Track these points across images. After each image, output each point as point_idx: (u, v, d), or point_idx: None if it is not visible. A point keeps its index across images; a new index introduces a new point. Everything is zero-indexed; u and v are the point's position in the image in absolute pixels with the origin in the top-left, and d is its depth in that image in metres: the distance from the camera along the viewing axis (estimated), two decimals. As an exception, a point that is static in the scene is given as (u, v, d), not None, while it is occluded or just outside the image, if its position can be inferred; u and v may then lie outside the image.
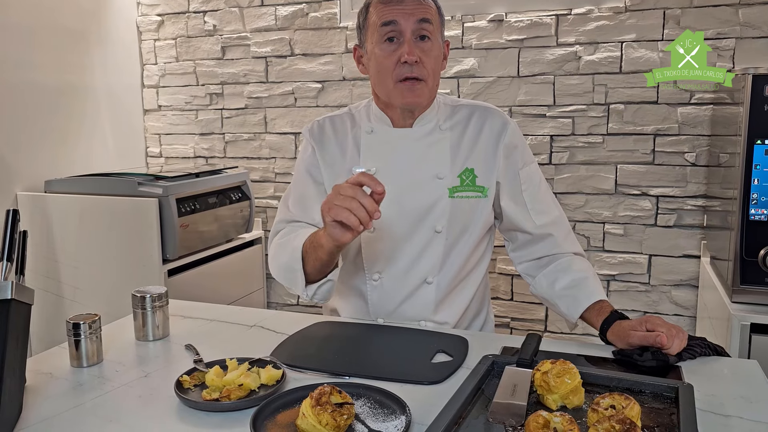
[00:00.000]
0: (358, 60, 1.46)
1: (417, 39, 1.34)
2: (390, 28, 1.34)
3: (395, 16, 1.33)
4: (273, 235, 1.49)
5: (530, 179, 1.45)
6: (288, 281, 1.37)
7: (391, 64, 1.35)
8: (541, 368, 0.99)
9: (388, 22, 1.34)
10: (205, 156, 2.96)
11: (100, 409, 1.01)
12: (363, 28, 1.41)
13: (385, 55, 1.35)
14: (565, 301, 1.36)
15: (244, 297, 2.70)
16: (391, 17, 1.33)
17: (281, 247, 1.40)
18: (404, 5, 1.34)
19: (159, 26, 2.93)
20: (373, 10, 1.37)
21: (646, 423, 0.90)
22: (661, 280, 2.35)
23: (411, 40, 1.34)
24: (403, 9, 1.33)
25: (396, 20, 1.33)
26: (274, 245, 1.45)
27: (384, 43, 1.35)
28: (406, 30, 1.33)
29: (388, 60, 1.35)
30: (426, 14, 1.35)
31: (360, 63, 1.45)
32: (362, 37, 1.42)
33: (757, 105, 1.68)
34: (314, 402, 0.89)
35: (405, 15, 1.33)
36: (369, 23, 1.38)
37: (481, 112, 1.46)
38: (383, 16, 1.34)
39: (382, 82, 1.38)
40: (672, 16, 2.20)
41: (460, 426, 0.90)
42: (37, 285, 2.38)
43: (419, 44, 1.35)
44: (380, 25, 1.35)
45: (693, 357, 1.16)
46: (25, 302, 1.01)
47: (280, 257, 1.39)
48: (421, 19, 1.34)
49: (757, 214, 1.72)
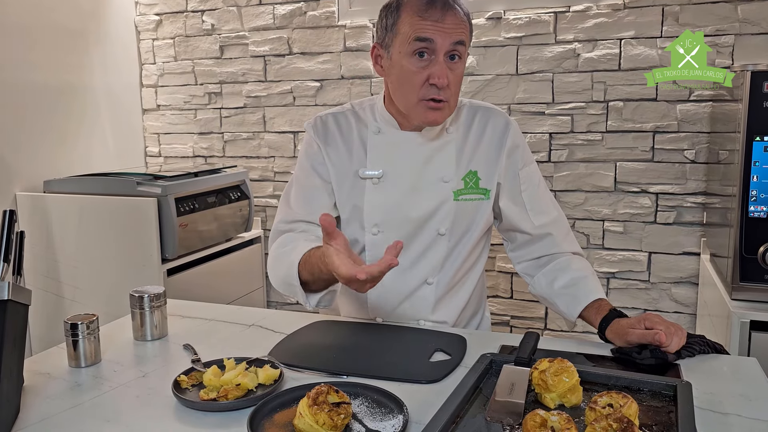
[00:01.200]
0: (376, 59, 1.39)
1: (448, 59, 1.29)
2: (424, 44, 1.27)
3: (432, 33, 1.26)
4: (273, 238, 1.45)
5: (529, 179, 1.45)
6: (288, 293, 1.33)
7: (419, 82, 1.29)
8: (539, 367, 0.99)
9: (424, 38, 1.26)
10: (204, 155, 2.96)
11: (98, 409, 1.01)
12: (389, 30, 1.32)
13: (414, 70, 1.29)
14: (564, 300, 1.36)
15: (243, 296, 2.70)
16: (428, 34, 1.26)
17: (278, 260, 1.35)
18: (444, 23, 1.26)
19: (157, 26, 2.93)
20: (406, 17, 1.29)
21: (644, 421, 0.90)
22: (661, 277, 2.34)
23: (444, 62, 1.28)
24: (443, 28, 1.26)
25: (433, 39, 1.26)
26: (272, 255, 1.39)
27: (414, 57, 1.28)
28: (440, 50, 1.27)
29: (416, 76, 1.29)
30: (463, 35, 1.29)
31: (378, 63, 1.39)
32: (387, 40, 1.33)
33: (756, 102, 1.68)
34: (311, 401, 0.89)
35: (443, 34, 1.26)
36: (399, 29, 1.30)
37: (484, 113, 1.45)
38: (419, 31, 1.27)
39: (405, 95, 1.33)
40: (671, 13, 2.20)
41: (458, 425, 0.90)
42: (37, 285, 2.39)
43: (450, 64, 1.29)
44: (413, 39, 1.27)
45: (692, 355, 1.16)
46: (22, 303, 1.01)
47: (278, 270, 1.34)
48: (458, 41, 1.28)
49: (756, 211, 1.71)
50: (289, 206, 1.45)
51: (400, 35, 1.30)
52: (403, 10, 1.30)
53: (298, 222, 1.43)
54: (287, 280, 1.29)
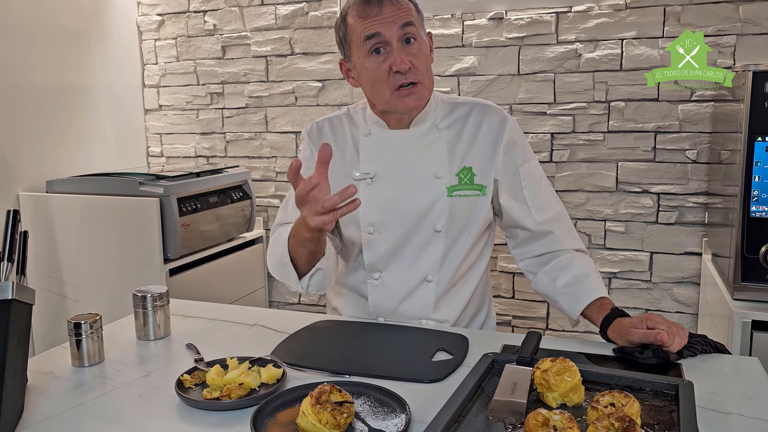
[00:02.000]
0: (347, 74, 1.44)
1: (403, 44, 1.33)
2: (375, 40, 1.32)
3: (377, 27, 1.31)
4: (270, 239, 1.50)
5: (530, 176, 1.45)
6: (282, 277, 1.38)
7: (383, 75, 1.33)
8: (541, 366, 0.99)
9: (372, 35, 1.31)
10: (206, 155, 2.97)
11: (102, 409, 1.01)
12: (345, 42, 1.39)
13: (376, 67, 1.33)
14: (566, 298, 1.37)
15: (245, 296, 2.70)
16: (373, 30, 1.31)
17: (272, 246, 1.42)
18: (383, 15, 1.31)
19: (159, 26, 2.93)
20: (352, 23, 1.35)
21: (646, 421, 0.90)
22: (663, 277, 2.34)
23: (398, 48, 1.32)
24: (383, 18, 1.31)
25: (379, 32, 1.31)
26: (269, 247, 1.46)
27: (372, 56, 1.33)
28: (391, 39, 1.31)
29: (379, 71, 1.33)
30: (407, 17, 1.32)
31: (349, 77, 1.44)
32: (347, 52, 1.40)
33: (758, 102, 1.68)
34: (314, 401, 0.89)
35: (387, 24, 1.31)
36: (351, 37, 1.36)
37: (480, 110, 1.45)
38: (365, 30, 1.32)
39: (379, 93, 1.37)
40: (672, 13, 2.20)
41: (460, 424, 0.90)
42: (39, 285, 2.39)
43: (406, 48, 1.33)
44: (364, 39, 1.32)
45: (694, 354, 1.16)
46: (26, 302, 1.01)
47: (273, 255, 1.40)
48: (404, 23, 1.32)
49: (758, 211, 1.71)
50: (287, 211, 1.50)
51: (354, 42, 1.36)
52: (348, 18, 1.36)
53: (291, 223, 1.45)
54: (281, 259, 1.34)
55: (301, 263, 1.33)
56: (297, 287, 1.36)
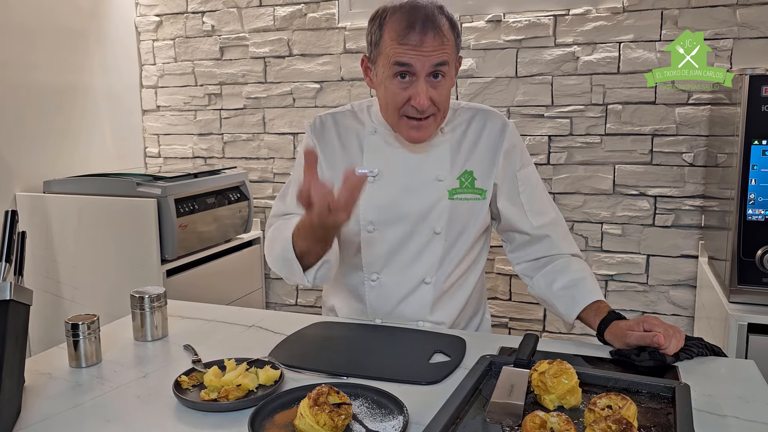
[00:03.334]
0: (366, 71, 1.41)
1: (431, 78, 1.29)
2: (404, 68, 1.27)
3: (411, 59, 1.26)
4: (267, 230, 1.47)
5: (528, 181, 1.46)
6: (286, 271, 1.35)
7: (400, 101, 1.30)
8: (539, 368, 0.99)
9: (402, 63, 1.27)
10: (203, 156, 2.96)
11: (99, 410, 1.01)
12: (375, 47, 1.33)
13: (396, 91, 1.30)
14: (562, 302, 1.37)
15: (242, 297, 2.70)
16: (406, 59, 1.26)
17: (273, 241, 1.38)
18: (422, 48, 1.25)
19: (157, 27, 2.93)
20: (388, 39, 1.28)
21: (643, 423, 0.91)
22: (659, 280, 2.35)
23: (424, 82, 1.28)
24: (422, 51, 1.26)
25: (411, 63, 1.26)
26: (267, 240, 1.43)
27: (395, 79, 1.29)
28: (420, 73, 1.27)
29: (397, 97, 1.30)
30: (443, 56, 1.28)
31: (367, 76, 1.41)
32: (372, 56, 1.35)
33: (755, 105, 1.69)
34: (312, 402, 0.89)
35: (422, 58, 1.26)
36: (382, 50, 1.30)
37: (482, 115, 1.46)
38: (398, 56, 1.27)
39: (389, 112, 1.35)
40: (670, 17, 2.21)
41: (458, 426, 0.90)
42: (36, 285, 2.38)
43: (432, 83, 1.29)
44: (393, 63, 1.28)
45: (690, 357, 1.16)
46: (23, 303, 1.01)
47: (274, 249, 1.37)
48: (438, 63, 1.27)
49: (754, 215, 1.72)
50: (284, 202, 1.48)
51: (383, 56, 1.31)
52: (386, 30, 1.30)
53: (291, 215, 1.44)
54: (283, 255, 1.30)
55: (309, 258, 1.29)
56: (302, 281, 1.32)
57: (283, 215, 1.47)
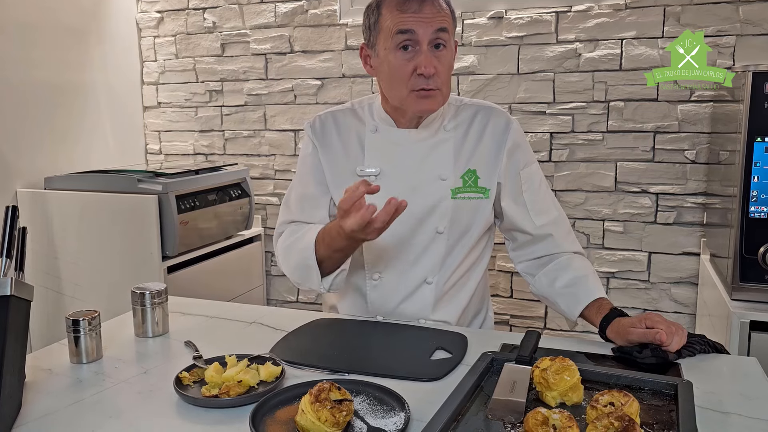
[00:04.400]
0: (365, 60, 1.41)
1: (432, 48, 1.30)
2: (406, 36, 1.28)
3: (413, 25, 1.28)
4: (276, 238, 1.49)
5: (531, 179, 1.45)
6: (302, 279, 1.37)
7: (406, 74, 1.30)
8: (540, 365, 0.99)
9: (405, 30, 1.28)
10: (204, 153, 2.96)
11: (100, 406, 1.01)
12: (373, 29, 1.35)
13: (401, 63, 1.30)
14: (564, 300, 1.36)
15: (243, 294, 2.70)
16: (408, 26, 1.28)
17: (289, 249, 1.40)
18: (422, 13, 1.28)
19: (158, 23, 2.93)
20: (387, 13, 1.31)
21: (645, 420, 0.91)
22: (661, 277, 2.35)
23: (428, 51, 1.29)
24: (421, 17, 1.28)
25: (414, 29, 1.28)
26: (281, 249, 1.44)
27: (399, 51, 1.30)
28: (423, 40, 1.28)
29: (403, 69, 1.30)
30: (443, 22, 1.30)
31: (367, 63, 1.41)
32: (372, 39, 1.36)
33: (758, 102, 1.68)
34: (313, 399, 0.89)
35: (423, 24, 1.28)
36: (381, 26, 1.32)
37: (485, 112, 1.45)
38: (400, 24, 1.28)
39: (396, 88, 1.34)
40: (672, 14, 2.20)
41: (459, 423, 0.90)
42: (37, 282, 2.38)
43: (435, 53, 1.30)
44: (395, 33, 1.29)
45: (692, 354, 1.16)
46: (24, 299, 1.01)
47: (291, 258, 1.38)
48: (439, 28, 1.29)
49: (756, 212, 1.71)
50: (289, 209, 1.49)
51: (383, 31, 1.32)
52: (383, 6, 1.32)
53: (298, 223, 1.46)
54: (303, 263, 1.33)
55: (327, 265, 1.32)
56: (318, 287, 1.35)
57: (290, 223, 1.47)
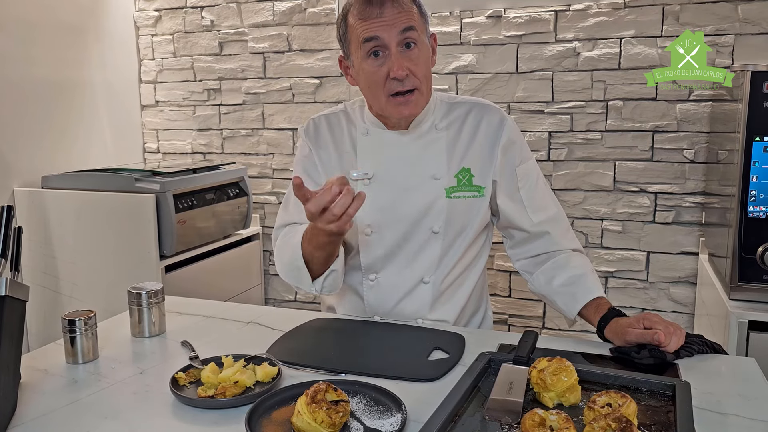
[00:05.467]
0: (345, 71, 1.42)
1: (403, 48, 1.30)
2: (373, 43, 1.28)
3: (376, 31, 1.27)
4: (274, 241, 1.49)
5: (527, 176, 1.44)
6: (294, 279, 1.37)
7: (380, 80, 1.30)
8: (538, 366, 0.99)
9: (370, 38, 1.28)
10: (202, 152, 2.95)
11: (96, 406, 1.01)
12: (345, 40, 1.36)
13: (373, 70, 1.30)
14: (562, 298, 1.36)
15: (241, 293, 2.69)
16: (372, 33, 1.28)
17: (282, 249, 1.40)
18: (384, 18, 1.27)
19: (156, 21, 2.92)
20: (352, 22, 1.31)
21: (643, 421, 0.90)
22: (660, 277, 2.35)
23: (397, 53, 1.28)
24: (384, 22, 1.27)
25: (378, 35, 1.28)
26: (276, 249, 1.44)
27: (369, 59, 1.30)
28: (390, 43, 1.28)
29: (376, 75, 1.30)
30: (408, 22, 1.28)
31: (348, 74, 1.41)
32: (346, 50, 1.37)
33: (756, 102, 1.68)
34: (310, 399, 0.89)
35: (386, 27, 1.27)
36: (351, 37, 1.33)
37: (479, 110, 1.44)
38: (364, 32, 1.28)
39: (374, 96, 1.35)
40: (671, 13, 2.20)
41: (456, 423, 0.90)
42: (34, 281, 2.38)
43: (406, 53, 1.29)
44: (362, 41, 1.29)
45: (691, 355, 1.16)
46: (19, 299, 1.00)
47: (283, 257, 1.39)
48: (404, 28, 1.28)
49: (755, 211, 1.71)
50: (288, 211, 1.49)
51: (353, 42, 1.33)
52: (349, 16, 1.33)
53: (294, 225, 1.46)
54: (293, 263, 1.33)
55: (316, 266, 1.32)
56: (310, 289, 1.35)
57: (286, 225, 1.47)
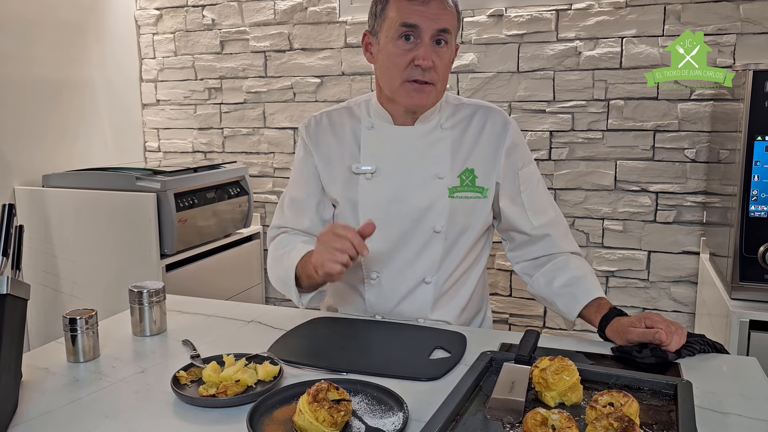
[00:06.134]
0: (366, 47, 1.40)
1: (433, 43, 1.30)
2: (410, 29, 1.29)
3: (417, 19, 1.28)
4: (270, 239, 1.52)
5: (529, 180, 1.44)
6: (283, 291, 1.41)
7: (403, 63, 1.31)
8: (540, 365, 0.99)
9: (410, 24, 1.28)
10: (203, 151, 2.95)
11: (97, 405, 1.01)
12: (378, 16, 1.35)
13: (399, 53, 1.30)
14: (563, 299, 1.36)
15: (242, 292, 2.69)
16: (413, 20, 1.28)
17: (277, 261, 1.42)
18: (429, 8, 1.28)
19: (157, 20, 2.92)
20: (393, 2, 1.31)
21: (645, 420, 0.90)
22: (660, 276, 2.34)
23: (428, 44, 1.29)
24: (427, 13, 1.28)
25: (417, 24, 1.28)
26: (270, 257, 1.47)
27: (399, 40, 1.30)
28: (425, 34, 1.28)
29: (401, 58, 1.31)
30: (448, 22, 1.30)
31: (368, 51, 1.40)
32: (375, 26, 1.36)
33: (758, 101, 1.67)
34: (311, 398, 0.89)
35: (428, 19, 1.28)
36: (387, 15, 1.32)
37: (484, 112, 1.44)
38: (405, 16, 1.28)
39: (390, 78, 1.34)
40: (672, 12, 2.19)
41: (458, 422, 0.90)
42: (35, 280, 2.38)
43: (435, 49, 1.30)
44: (399, 24, 1.29)
45: (692, 354, 1.15)
46: (20, 297, 1.00)
47: (277, 270, 1.42)
48: (443, 26, 1.29)
49: (756, 211, 1.71)
50: (283, 213, 1.51)
51: (388, 20, 1.32)
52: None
53: (288, 229, 1.50)
54: (285, 280, 1.37)
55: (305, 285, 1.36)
56: (298, 303, 1.39)
57: (281, 227, 1.50)
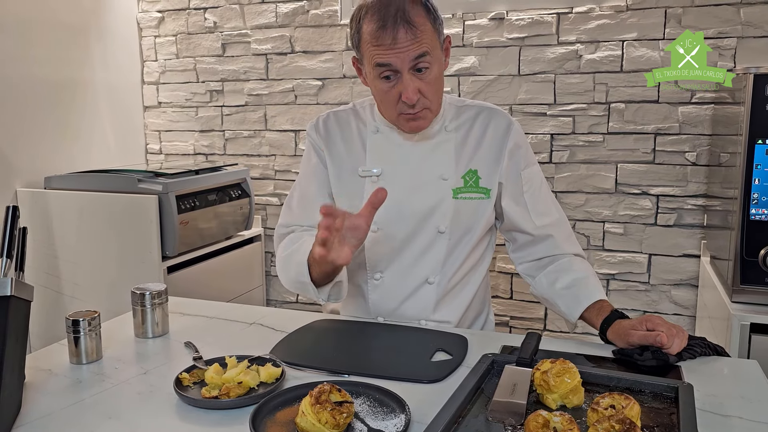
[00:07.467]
0: (359, 72, 1.40)
1: (414, 72, 1.28)
2: (384, 69, 1.27)
3: (389, 58, 1.26)
4: (278, 241, 1.49)
5: (532, 180, 1.45)
6: (300, 290, 1.37)
7: (392, 99, 1.31)
8: (541, 367, 0.99)
9: (382, 64, 1.27)
10: (205, 153, 2.96)
11: (100, 406, 1.01)
12: (357, 45, 1.33)
13: (385, 90, 1.30)
14: (565, 301, 1.36)
15: (243, 294, 2.70)
16: (384, 60, 1.26)
17: (287, 261, 1.38)
18: (398, 45, 1.24)
19: (159, 23, 2.93)
20: (365, 40, 1.29)
21: (646, 423, 0.90)
22: (661, 279, 2.35)
23: (409, 77, 1.27)
24: (397, 50, 1.24)
25: (390, 63, 1.26)
26: (279, 258, 1.43)
27: (381, 80, 1.30)
28: (402, 69, 1.26)
29: (387, 95, 1.31)
30: (420, 48, 1.25)
31: (360, 75, 1.40)
32: (358, 54, 1.35)
33: (759, 104, 1.68)
34: (314, 400, 0.89)
35: (399, 55, 1.25)
36: (363, 51, 1.31)
37: (487, 113, 1.45)
38: (376, 57, 1.27)
39: (385, 111, 1.37)
40: (673, 15, 2.20)
41: (460, 425, 0.90)
42: (37, 281, 2.38)
43: (417, 77, 1.28)
44: (374, 65, 1.28)
45: (693, 357, 1.16)
46: (24, 299, 1.01)
47: (288, 271, 1.37)
48: (417, 55, 1.25)
49: (757, 214, 1.71)
50: (291, 210, 1.49)
51: (365, 57, 1.32)
52: (362, 32, 1.30)
53: (296, 226, 1.48)
54: (298, 279, 1.32)
55: (320, 279, 1.30)
56: (317, 298, 1.33)
57: (289, 226, 1.48)
